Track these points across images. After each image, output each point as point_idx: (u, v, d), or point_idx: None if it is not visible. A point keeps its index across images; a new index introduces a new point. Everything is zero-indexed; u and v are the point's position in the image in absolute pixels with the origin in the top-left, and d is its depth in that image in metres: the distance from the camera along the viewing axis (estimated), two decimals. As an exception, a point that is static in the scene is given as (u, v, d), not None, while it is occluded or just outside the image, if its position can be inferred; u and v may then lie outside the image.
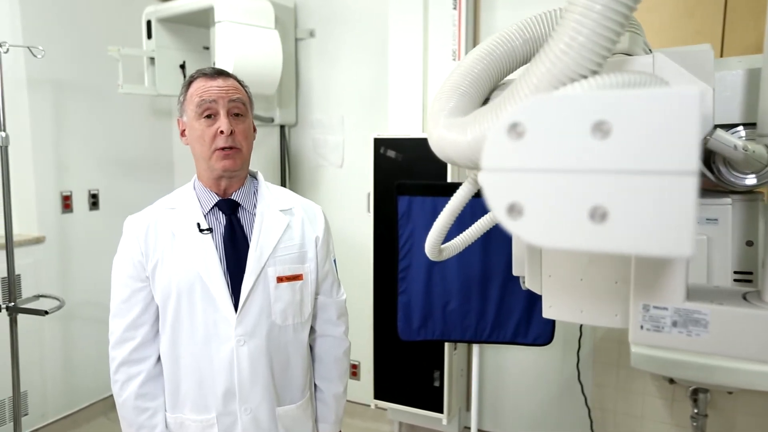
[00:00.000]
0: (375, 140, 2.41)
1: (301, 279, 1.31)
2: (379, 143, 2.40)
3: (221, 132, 1.20)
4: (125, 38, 2.84)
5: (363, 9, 2.78)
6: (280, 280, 1.27)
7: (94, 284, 2.93)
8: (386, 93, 2.57)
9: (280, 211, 1.32)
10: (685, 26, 1.80)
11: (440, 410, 2.43)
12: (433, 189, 1.93)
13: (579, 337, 2.41)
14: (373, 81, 2.77)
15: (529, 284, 0.76)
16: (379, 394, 2.52)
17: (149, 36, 2.76)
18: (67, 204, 2.85)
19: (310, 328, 1.39)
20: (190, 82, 1.26)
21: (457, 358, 2.54)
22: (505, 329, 1.92)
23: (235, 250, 1.26)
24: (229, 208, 1.28)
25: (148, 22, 2.76)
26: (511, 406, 2.68)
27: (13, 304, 2.35)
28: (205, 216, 1.27)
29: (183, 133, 1.29)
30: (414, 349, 2.41)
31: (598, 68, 0.47)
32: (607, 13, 0.44)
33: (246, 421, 1.26)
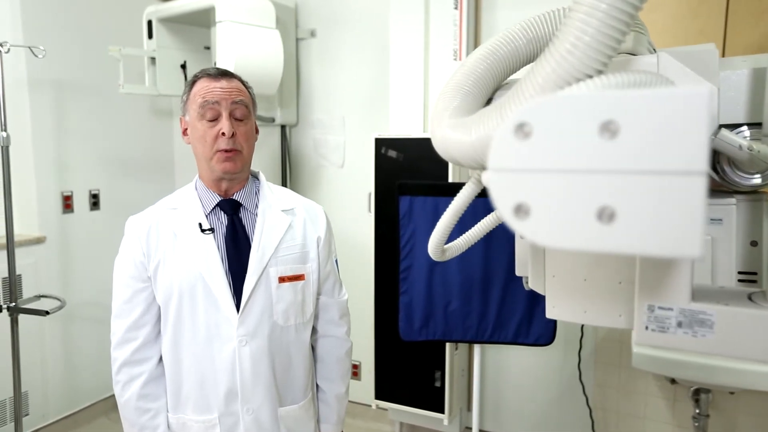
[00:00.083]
0: (376, 140, 2.41)
1: (303, 279, 1.31)
2: (380, 143, 2.40)
3: (223, 134, 1.20)
4: (126, 38, 2.84)
5: (364, 9, 2.78)
6: (281, 280, 1.27)
7: (95, 284, 2.93)
8: (387, 93, 2.57)
9: (282, 211, 1.32)
10: (688, 26, 1.79)
11: (441, 410, 2.42)
12: (435, 189, 1.93)
13: (580, 338, 2.41)
14: (374, 81, 2.77)
15: (532, 284, 0.76)
16: (380, 395, 2.52)
17: (150, 36, 2.76)
18: (67, 204, 2.84)
19: (312, 328, 1.39)
20: (194, 81, 1.25)
21: (458, 359, 2.54)
22: (507, 329, 1.92)
23: (237, 250, 1.25)
24: (231, 208, 1.28)
25: (149, 22, 2.76)
26: (512, 407, 2.68)
27: (14, 304, 2.35)
28: (206, 216, 1.26)
29: (185, 132, 1.29)
30: (415, 349, 2.40)
31: (603, 68, 0.47)
32: (613, 13, 0.44)
33: (248, 422, 1.26)
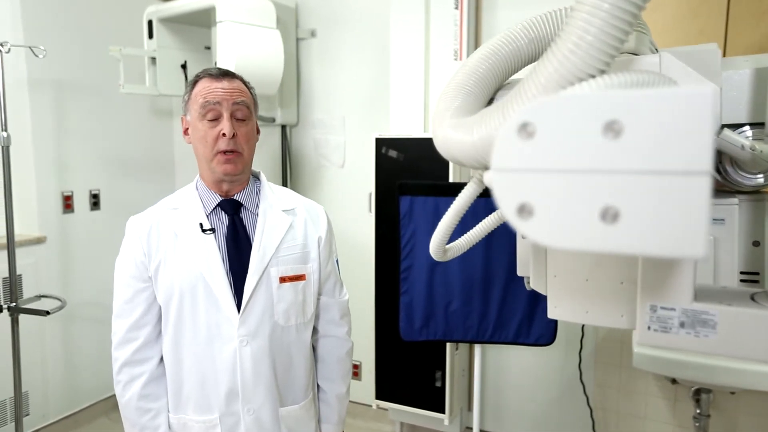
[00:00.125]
0: (376, 140, 2.41)
1: (304, 279, 1.31)
2: (381, 143, 2.40)
3: (223, 135, 1.20)
4: (126, 38, 2.84)
5: (364, 9, 2.78)
6: (282, 280, 1.27)
7: (96, 284, 2.93)
8: (388, 93, 2.57)
9: (283, 211, 1.31)
10: (688, 26, 1.79)
11: (442, 410, 2.42)
12: (435, 189, 1.93)
13: (581, 338, 2.41)
14: (375, 81, 2.77)
15: (534, 285, 0.75)
16: (381, 395, 2.52)
17: (150, 36, 2.76)
18: (68, 204, 2.84)
19: (313, 328, 1.39)
20: (196, 81, 1.25)
21: (459, 359, 2.53)
22: (508, 329, 1.92)
23: (238, 250, 1.25)
24: (232, 208, 1.28)
25: (150, 22, 2.76)
26: (512, 407, 2.68)
27: (14, 304, 2.35)
28: (207, 216, 1.26)
29: (186, 132, 1.28)
30: (415, 349, 2.40)
31: (606, 67, 0.46)
32: (616, 12, 0.44)
33: (249, 422, 1.26)
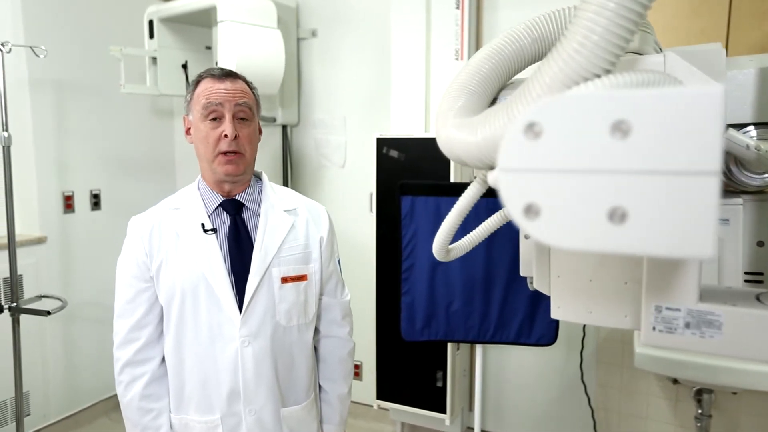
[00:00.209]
0: (377, 140, 2.40)
1: (306, 279, 1.31)
2: (382, 143, 2.40)
3: (225, 136, 1.20)
4: (127, 38, 2.84)
5: (365, 8, 2.78)
6: (284, 280, 1.27)
7: (96, 284, 2.93)
8: (389, 93, 2.56)
9: (285, 211, 1.31)
10: (690, 26, 1.79)
11: (443, 411, 2.42)
12: (436, 189, 1.93)
13: (582, 338, 2.41)
14: (376, 81, 2.77)
15: (537, 285, 0.75)
16: (382, 395, 2.52)
17: (151, 36, 2.76)
18: (68, 204, 2.84)
19: (315, 328, 1.38)
20: (198, 81, 1.25)
21: (460, 359, 2.53)
22: (509, 329, 1.91)
23: (240, 250, 1.25)
24: (234, 208, 1.28)
25: (150, 22, 2.75)
26: (514, 407, 2.68)
27: (15, 304, 2.35)
28: (209, 216, 1.26)
29: (188, 132, 1.28)
30: (417, 349, 2.40)
31: (611, 67, 0.46)
32: (622, 12, 0.44)
33: (250, 422, 1.26)
